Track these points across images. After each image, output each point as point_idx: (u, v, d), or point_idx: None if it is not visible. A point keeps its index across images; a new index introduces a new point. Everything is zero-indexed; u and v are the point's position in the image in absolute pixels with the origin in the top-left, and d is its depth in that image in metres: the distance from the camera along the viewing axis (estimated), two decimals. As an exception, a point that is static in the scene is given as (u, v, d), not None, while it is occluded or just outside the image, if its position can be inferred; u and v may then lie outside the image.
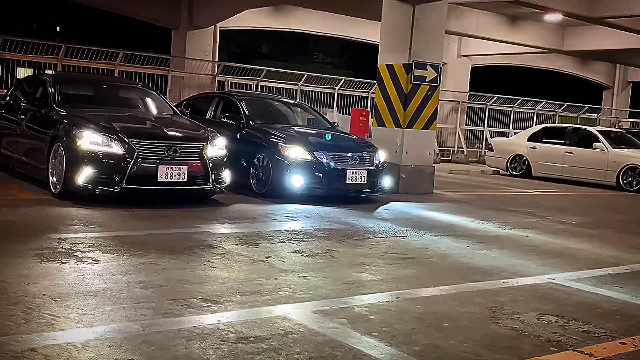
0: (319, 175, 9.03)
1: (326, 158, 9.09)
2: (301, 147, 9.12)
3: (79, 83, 9.75)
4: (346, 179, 9.17)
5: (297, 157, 9.02)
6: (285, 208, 8.49)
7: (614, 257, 6.78)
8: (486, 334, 3.97)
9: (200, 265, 5.15)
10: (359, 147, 9.79)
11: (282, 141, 9.21)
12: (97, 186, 7.43)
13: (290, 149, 9.08)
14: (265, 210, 8.23)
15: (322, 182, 9.05)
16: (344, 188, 9.25)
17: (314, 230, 7.03)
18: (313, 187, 9.03)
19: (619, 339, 4.03)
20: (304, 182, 8.96)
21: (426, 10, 11.79)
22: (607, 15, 15.83)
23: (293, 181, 8.95)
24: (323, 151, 9.16)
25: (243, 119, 9.94)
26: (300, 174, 8.96)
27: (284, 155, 9.04)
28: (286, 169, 8.98)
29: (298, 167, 8.98)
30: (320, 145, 9.36)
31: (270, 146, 9.24)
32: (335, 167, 9.11)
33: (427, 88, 11.97)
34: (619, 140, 15.85)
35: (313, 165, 9.02)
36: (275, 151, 9.12)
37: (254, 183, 9.36)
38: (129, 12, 20.44)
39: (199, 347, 3.39)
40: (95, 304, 3.96)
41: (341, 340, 3.64)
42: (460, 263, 5.98)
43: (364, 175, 9.34)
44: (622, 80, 29.98)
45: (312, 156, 9.06)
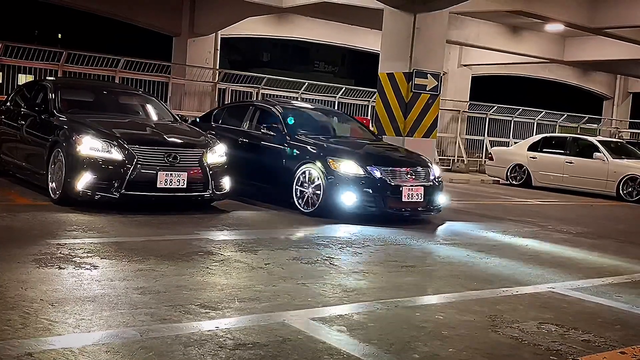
0: (373, 193, 8.23)
1: (380, 173, 8.29)
2: (353, 162, 8.36)
3: (79, 89, 9.75)
4: (402, 196, 8.32)
5: (348, 173, 8.26)
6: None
7: (614, 267, 6.76)
8: (486, 342, 3.95)
9: (198, 271, 5.13)
10: (413, 161, 8.97)
11: (332, 155, 8.49)
12: (96, 192, 7.41)
13: (341, 164, 8.34)
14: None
15: (376, 200, 8.25)
16: (400, 207, 8.41)
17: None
18: (366, 206, 8.25)
19: (619, 348, 4.01)
20: (356, 200, 8.19)
21: (427, 19, 11.84)
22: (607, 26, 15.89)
23: (345, 199, 8.19)
24: (376, 166, 8.38)
25: (284, 130, 9.18)
26: (353, 191, 8.19)
27: (334, 171, 8.28)
28: (337, 185, 8.23)
29: (350, 183, 8.21)
30: (373, 159, 8.64)
31: (318, 160, 8.48)
32: (390, 183, 8.30)
33: (427, 97, 12.00)
34: (619, 150, 15.85)
35: (366, 182, 8.22)
36: (324, 166, 8.36)
37: (299, 201, 8.61)
38: (131, 19, 20.50)
39: (197, 353, 3.37)
40: (93, 310, 3.94)
41: (340, 348, 3.62)
42: (459, 271, 5.96)
43: (421, 192, 8.48)
44: (622, 91, 30.04)
45: (365, 171, 8.27)
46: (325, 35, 23.26)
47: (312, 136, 9.23)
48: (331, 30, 22.57)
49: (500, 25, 20.76)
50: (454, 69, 24.67)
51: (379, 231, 7.72)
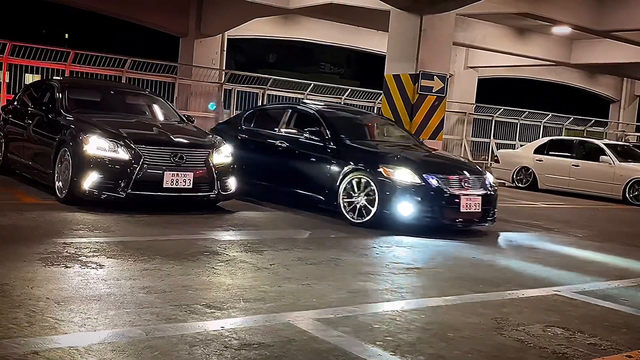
0: (430, 203, 7.77)
1: (437, 182, 7.80)
2: (408, 169, 7.88)
3: (86, 89, 9.78)
4: (460, 206, 7.85)
5: (403, 181, 7.78)
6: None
7: (620, 270, 6.74)
8: (491, 345, 3.94)
9: (204, 271, 5.14)
10: (468, 168, 8.57)
11: (384, 162, 8.03)
12: (102, 191, 7.43)
13: (396, 172, 7.84)
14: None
15: (433, 211, 7.78)
16: (457, 217, 7.96)
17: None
18: (423, 217, 7.78)
19: (625, 351, 3.99)
20: (412, 210, 7.72)
21: (434, 20, 11.83)
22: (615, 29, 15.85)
23: (401, 210, 7.72)
24: (433, 173, 7.89)
25: (328, 135, 8.71)
26: (409, 200, 7.72)
27: (389, 179, 7.79)
28: (391, 195, 7.74)
29: (405, 192, 7.73)
30: (428, 166, 8.18)
31: (369, 168, 8.01)
32: (448, 192, 7.82)
33: (433, 98, 11.99)
34: (625, 153, 15.80)
35: (422, 191, 7.75)
36: (377, 174, 7.87)
37: (348, 211, 8.12)
38: (138, 19, 20.56)
39: (202, 353, 3.38)
40: (98, 309, 3.95)
41: (345, 349, 3.62)
42: (465, 273, 5.95)
43: (479, 202, 8.00)
44: (629, 94, 29.95)
45: (421, 179, 7.77)
46: (331, 37, 23.28)
47: (358, 142, 8.83)
48: (337, 31, 22.58)
49: (506, 27, 20.73)
50: (460, 71, 24.65)
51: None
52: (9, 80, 15.44)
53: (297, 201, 8.95)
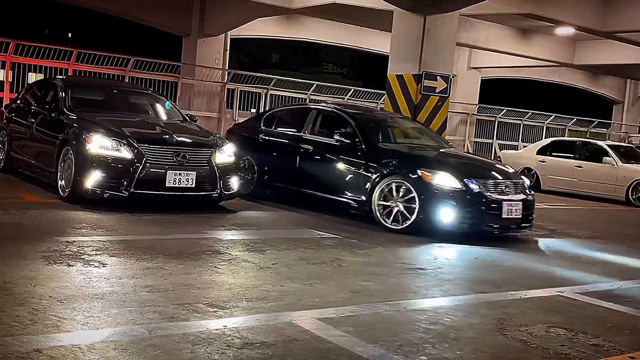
0: (472, 208, 7.49)
1: (478, 186, 7.53)
2: (448, 173, 7.60)
3: (89, 88, 9.79)
4: (502, 212, 7.57)
5: (444, 186, 7.50)
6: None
7: (623, 271, 6.72)
8: (494, 345, 3.93)
9: (206, 270, 5.14)
10: (507, 172, 8.27)
11: (423, 166, 7.75)
12: (105, 190, 7.44)
13: (436, 176, 7.56)
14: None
15: (474, 217, 7.50)
16: (499, 224, 7.67)
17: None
18: (465, 223, 7.51)
19: (628, 352, 3.98)
20: (452, 216, 7.45)
21: (437, 21, 11.81)
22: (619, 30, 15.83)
23: (442, 216, 7.45)
24: (474, 178, 7.62)
25: (359, 138, 8.42)
26: (449, 206, 7.44)
27: (428, 184, 7.51)
28: (432, 200, 7.47)
29: (446, 198, 7.46)
30: (468, 170, 7.90)
31: (407, 172, 7.71)
32: (490, 197, 7.55)
33: (436, 99, 11.98)
34: (628, 155, 15.77)
35: (463, 196, 7.47)
36: (416, 178, 7.58)
37: (383, 216, 7.81)
38: (141, 19, 20.58)
39: (205, 351, 3.38)
40: (101, 307, 3.95)
41: (347, 348, 3.61)
42: (468, 274, 5.94)
43: (520, 207, 7.74)
44: (632, 95, 29.91)
45: (462, 184, 7.50)
46: (334, 37, 23.29)
47: (391, 144, 8.59)
48: (340, 31, 22.58)
49: (510, 28, 20.71)
50: (463, 72, 24.64)
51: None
52: (12, 79, 15.47)
53: (324, 206, 8.66)
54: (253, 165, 9.53)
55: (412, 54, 11.86)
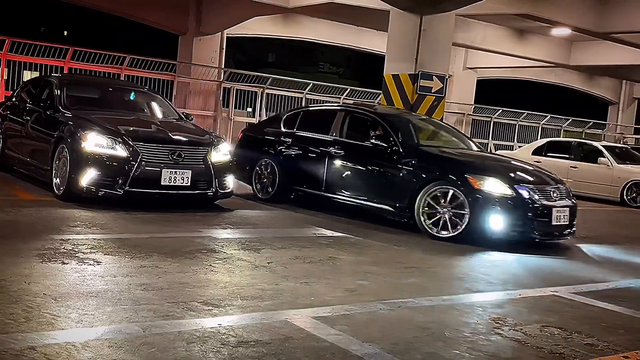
0: (523, 215, 7.27)
1: (528, 193, 7.31)
2: (498, 179, 7.36)
3: (85, 86, 9.77)
4: (552, 219, 7.36)
5: (494, 192, 7.24)
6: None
7: (618, 272, 6.73)
8: (489, 344, 3.93)
9: (201, 269, 5.13)
10: (551, 177, 8.06)
11: (471, 171, 7.46)
12: (100, 188, 7.42)
13: (485, 182, 7.29)
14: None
15: (525, 224, 7.27)
16: (548, 231, 7.46)
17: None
18: (515, 231, 7.28)
19: (622, 352, 3.99)
20: (503, 224, 7.20)
21: (433, 21, 11.83)
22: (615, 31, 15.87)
23: (492, 224, 7.19)
24: (523, 183, 7.43)
25: (396, 141, 8.06)
26: (500, 213, 7.19)
27: (478, 190, 7.23)
28: (482, 207, 7.20)
29: (497, 205, 7.20)
30: (518, 175, 7.67)
31: (454, 178, 7.41)
32: (540, 204, 7.34)
33: (432, 99, 11.99)
34: (623, 156, 15.81)
35: (514, 203, 7.23)
36: (465, 184, 7.29)
37: (428, 224, 7.51)
38: (137, 17, 20.54)
39: (199, 349, 3.37)
40: (96, 305, 3.94)
41: (342, 347, 3.61)
42: (463, 273, 5.95)
43: (567, 213, 7.53)
44: (627, 96, 29.99)
45: (512, 190, 7.26)
46: (331, 36, 23.28)
47: (429, 147, 8.31)
48: (337, 31, 22.58)
49: (506, 28, 20.74)
50: (459, 72, 24.67)
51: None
52: (7, 77, 15.42)
53: (358, 213, 8.35)
54: (274, 169, 9.16)
55: (408, 53, 11.86)
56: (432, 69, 11.88)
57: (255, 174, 9.43)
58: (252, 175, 9.47)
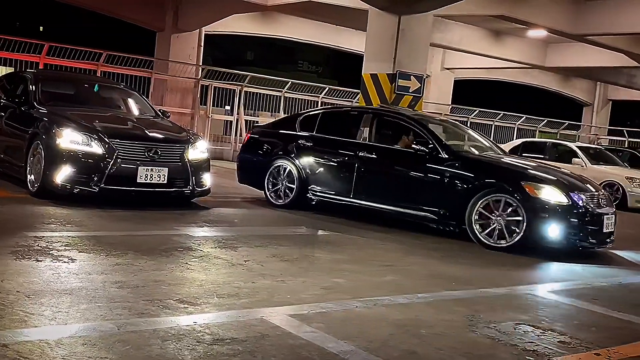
0: (578, 224, 7.16)
1: (582, 200, 7.23)
2: (553, 187, 7.23)
3: (60, 82, 9.65)
4: (603, 226, 7.28)
5: (550, 200, 7.11)
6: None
7: (591, 271, 6.83)
8: (463, 341, 3.97)
9: (177, 267, 5.11)
10: (595, 185, 8.00)
11: (526, 179, 7.33)
12: (75, 185, 7.35)
13: (542, 190, 7.16)
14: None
15: (580, 232, 7.17)
16: (599, 239, 7.35)
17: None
18: (571, 240, 7.16)
19: (594, 349, 4.05)
20: (561, 233, 7.09)
21: (411, 21, 11.89)
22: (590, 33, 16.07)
23: (549, 232, 7.06)
24: (578, 191, 7.32)
25: (436, 145, 7.81)
26: (557, 222, 7.07)
27: (535, 199, 7.09)
28: (539, 216, 7.05)
29: (553, 213, 7.08)
30: (570, 183, 7.54)
31: (511, 186, 7.22)
32: (594, 211, 7.28)
33: (410, 98, 12.05)
34: (597, 156, 16.03)
35: (571, 211, 7.12)
36: (522, 193, 7.11)
37: (482, 233, 7.30)
38: (114, 13, 20.35)
39: (175, 347, 3.36)
40: (70, 302, 3.91)
41: (318, 345, 3.62)
42: (439, 271, 5.99)
43: (613, 220, 7.49)
44: (602, 98, 30.39)
45: (568, 198, 7.14)
46: (310, 35, 23.27)
47: (470, 153, 8.14)
48: (316, 30, 22.57)
49: (483, 29, 20.90)
50: (437, 72, 24.81)
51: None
52: (-19, 72, 15.17)
53: (393, 220, 8.10)
54: (291, 173, 8.71)
55: (386, 53, 11.91)
56: (410, 69, 11.94)
57: (268, 179, 8.92)
58: (263, 180, 8.96)
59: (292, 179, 8.72)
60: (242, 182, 9.55)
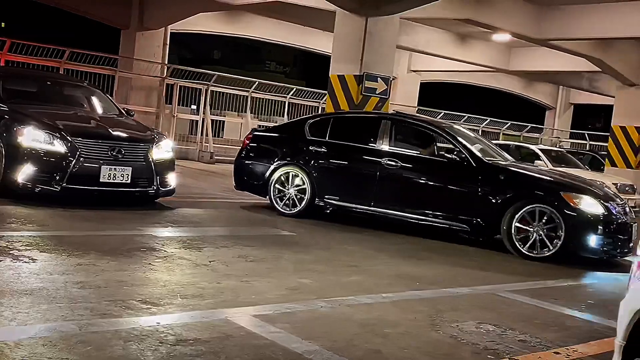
0: (615, 233, 7.19)
1: (616, 210, 7.28)
2: (593, 197, 7.25)
3: (22, 79, 9.46)
4: (632, 235, 7.29)
5: (589, 210, 7.14)
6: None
7: (553, 272, 6.94)
8: (426, 341, 4.01)
9: (140, 267, 5.06)
10: (617, 194, 8.09)
11: (568, 190, 7.34)
12: (37, 185, 7.22)
13: (582, 200, 7.19)
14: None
15: (615, 242, 7.21)
16: (628, 248, 7.30)
17: None
18: (607, 249, 7.22)
19: (553, 348, 4.13)
20: (599, 243, 7.11)
21: (378, 23, 11.96)
22: (552, 38, 16.35)
23: (588, 243, 7.10)
24: (612, 201, 7.41)
25: (465, 154, 7.72)
26: (594, 232, 7.08)
27: (575, 209, 7.11)
28: (579, 226, 7.06)
29: (592, 223, 7.09)
30: (606, 192, 7.70)
31: (550, 196, 7.23)
32: (626, 221, 7.30)
33: (377, 100, 12.12)
34: (559, 159, 16.31)
35: (608, 220, 7.14)
36: (562, 203, 7.13)
37: (522, 245, 7.25)
38: (78, 10, 20.03)
39: (137, 348, 3.33)
40: (30, 303, 3.84)
41: (282, 345, 3.62)
42: (404, 271, 6.03)
43: (637, 229, 7.48)
44: (564, 102, 30.95)
45: (605, 208, 7.18)
46: (277, 35, 23.22)
47: (499, 162, 8.03)
48: (284, 30, 22.54)
49: (449, 33, 21.10)
50: (404, 74, 24.98)
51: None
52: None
53: (418, 229, 7.93)
54: (302, 180, 8.35)
55: (353, 55, 11.96)
56: (376, 71, 12.01)
57: (273, 186, 8.50)
58: (266, 187, 8.55)
59: (301, 186, 8.38)
60: (240, 189, 9.09)
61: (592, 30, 15.48)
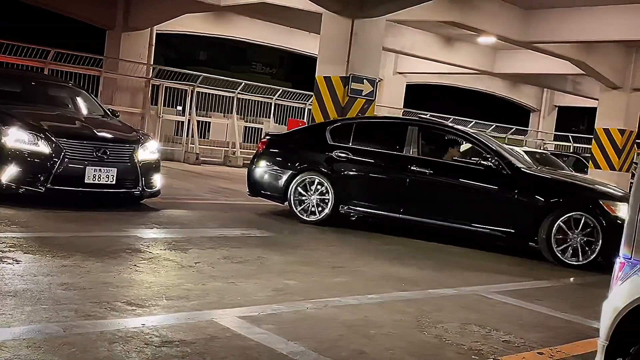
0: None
1: None
2: (627, 204, 7.65)
3: (6, 79, 9.37)
4: None
5: (624, 217, 7.52)
6: None
7: (537, 273, 7.00)
8: (411, 341, 4.03)
9: (126, 269, 5.04)
10: None
11: (606, 198, 7.37)
12: (21, 185, 7.17)
13: (619, 207, 7.21)
14: None
15: None
16: None
17: None
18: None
19: (537, 349, 4.17)
20: None
21: (365, 25, 11.98)
22: (537, 40, 16.46)
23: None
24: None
25: (499, 161, 7.69)
26: None
27: (613, 216, 7.13)
28: (616, 234, 6.90)
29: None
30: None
31: (589, 204, 7.27)
32: None
33: (363, 102, 12.13)
34: (543, 161, 16.37)
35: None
36: (601, 211, 7.16)
37: (561, 252, 7.27)
38: (63, 10, 19.88)
39: (122, 349, 3.31)
40: (14, 304, 3.81)
41: (268, 346, 3.63)
42: (389, 273, 6.05)
43: None
44: (548, 104, 31.17)
45: None
46: (263, 37, 23.19)
47: (530, 169, 7.99)
48: (270, 31, 22.51)
49: (435, 35, 21.19)
50: (390, 76, 25.04)
51: None
52: None
53: (454, 235, 7.96)
54: (326, 187, 8.21)
55: (339, 56, 11.97)
56: (363, 73, 12.03)
57: (293, 193, 8.34)
58: (286, 194, 8.39)
59: (323, 192, 8.24)
60: (254, 195, 8.87)
61: (577, 33, 15.61)
